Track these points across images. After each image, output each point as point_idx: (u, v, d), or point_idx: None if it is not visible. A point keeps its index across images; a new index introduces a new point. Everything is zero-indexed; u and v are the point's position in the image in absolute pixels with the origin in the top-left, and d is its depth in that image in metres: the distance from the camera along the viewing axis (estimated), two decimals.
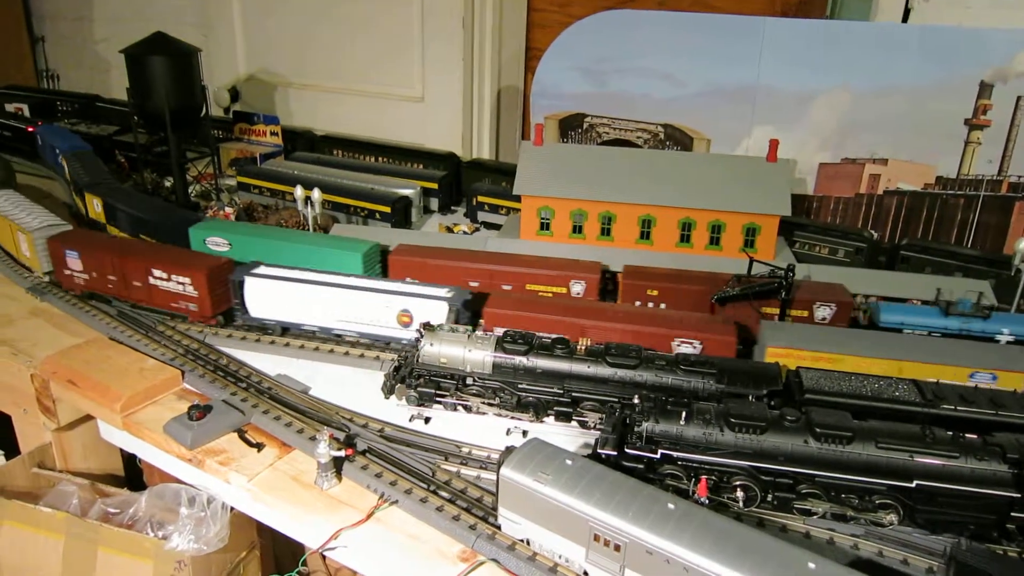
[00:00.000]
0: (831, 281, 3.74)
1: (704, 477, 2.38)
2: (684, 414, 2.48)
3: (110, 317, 3.94)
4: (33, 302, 4.23)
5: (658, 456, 2.46)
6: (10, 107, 7.54)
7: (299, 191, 4.30)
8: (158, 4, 7.93)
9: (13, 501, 3.41)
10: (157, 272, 3.78)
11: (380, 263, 4.05)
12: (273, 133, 6.51)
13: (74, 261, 4.03)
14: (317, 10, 6.76)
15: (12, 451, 4.08)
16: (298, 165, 5.84)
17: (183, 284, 3.73)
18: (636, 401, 2.57)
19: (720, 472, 2.47)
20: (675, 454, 2.46)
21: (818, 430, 2.40)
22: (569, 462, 2.28)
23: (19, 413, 3.84)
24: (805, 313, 3.55)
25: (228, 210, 5.17)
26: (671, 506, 2.10)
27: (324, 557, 3.72)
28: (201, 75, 5.14)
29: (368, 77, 6.68)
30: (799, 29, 4.75)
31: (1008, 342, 3.48)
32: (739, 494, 2.45)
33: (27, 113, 7.53)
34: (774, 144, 4.00)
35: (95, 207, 4.83)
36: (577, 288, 3.75)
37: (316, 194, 4.27)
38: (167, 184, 5.71)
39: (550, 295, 3.76)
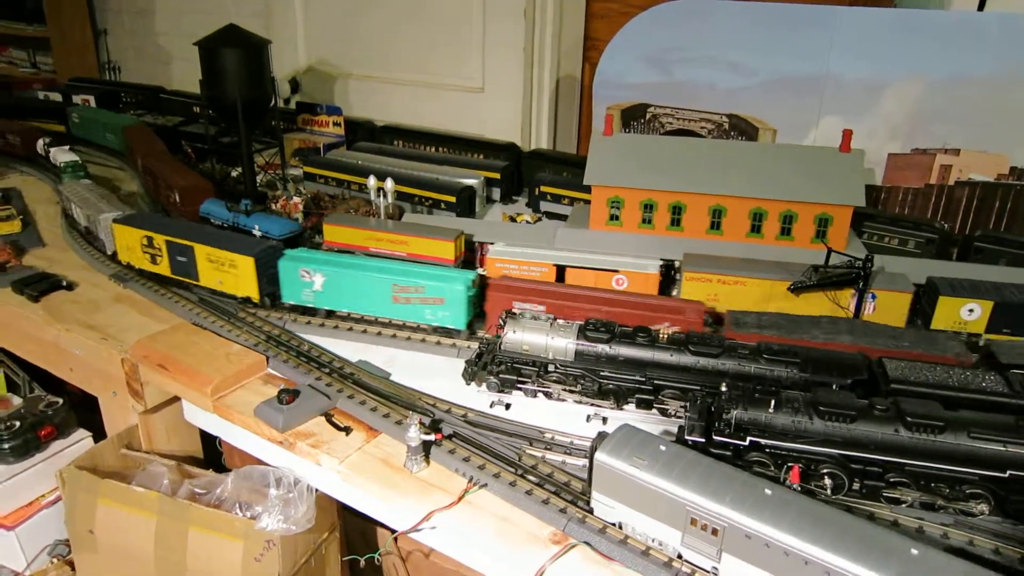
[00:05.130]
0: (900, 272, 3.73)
1: (797, 465, 2.41)
2: (773, 402, 2.51)
3: (191, 303, 4.08)
4: (116, 289, 4.39)
5: (746, 443, 2.50)
6: (77, 98, 7.76)
7: (372, 181, 4.38)
8: None
9: (107, 480, 3.55)
10: None
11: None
12: (336, 124, 6.63)
13: None
14: (377, 0, 6.85)
15: (97, 432, 4.26)
16: (361, 155, 5.94)
17: None
18: (724, 389, 2.60)
19: (807, 460, 2.50)
20: (763, 441, 2.49)
21: (909, 419, 2.42)
22: (663, 448, 2.33)
23: (108, 396, 3.99)
24: None
25: (296, 199, 5.28)
26: (768, 492, 2.14)
27: (396, 539, 3.83)
28: (271, 67, 5.26)
29: (428, 68, 6.75)
30: (871, 18, 4.70)
31: (262, 235, 4.38)
32: (827, 482, 2.47)
33: (94, 104, 7.74)
34: (848, 134, 3.98)
35: None
36: None
37: (389, 184, 4.36)
38: (234, 174, 5.86)
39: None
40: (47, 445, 4.19)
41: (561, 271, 3.91)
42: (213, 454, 4.14)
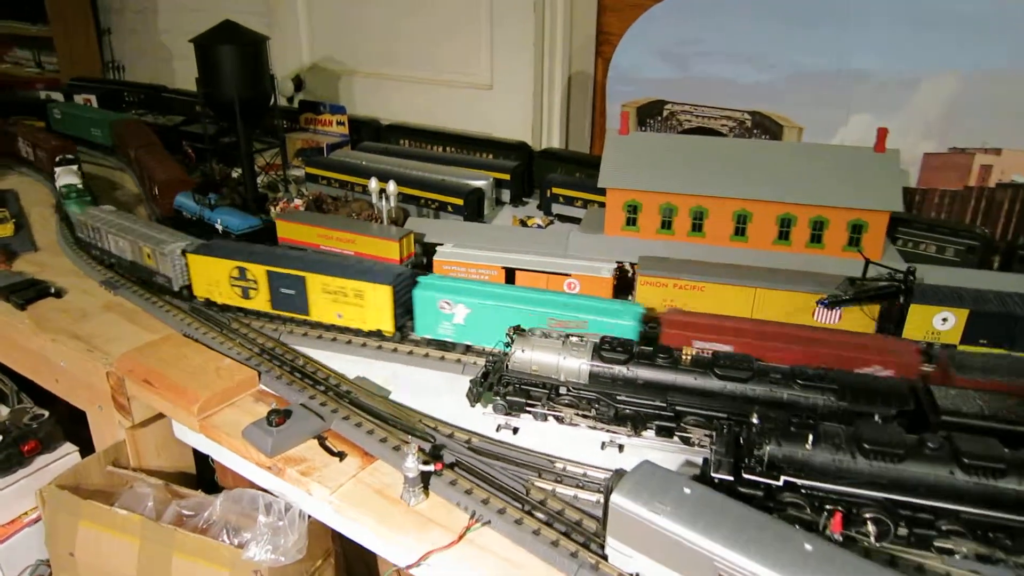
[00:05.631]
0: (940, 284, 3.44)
1: (840, 511, 2.14)
2: (811, 437, 2.24)
3: (184, 313, 3.86)
4: (107, 296, 4.18)
5: (781, 483, 2.24)
6: (79, 98, 7.58)
7: (373, 183, 4.15)
8: None
9: (89, 502, 3.35)
10: None
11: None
12: (340, 123, 6.39)
13: None
14: None
15: (86, 447, 4.05)
16: (365, 155, 5.70)
17: None
18: (755, 420, 2.34)
19: (848, 502, 2.23)
20: (800, 482, 2.23)
21: (966, 460, 2.14)
22: (687, 491, 2.07)
23: (94, 410, 3.79)
24: None
25: (298, 201, 5.05)
26: (808, 547, 1.88)
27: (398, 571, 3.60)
28: (270, 64, 5.02)
29: (435, 64, 6.50)
30: (903, 7, 4.41)
31: (223, 230, 4.46)
32: (870, 528, 2.21)
33: (95, 104, 7.55)
34: (883, 133, 3.70)
35: None
36: None
37: (391, 187, 4.12)
38: (234, 175, 5.64)
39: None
40: (31, 460, 3.98)
41: (511, 274, 3.73)
42: (206, 470, 3.93)
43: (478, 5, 6.08)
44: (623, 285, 3.75)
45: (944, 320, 3.23)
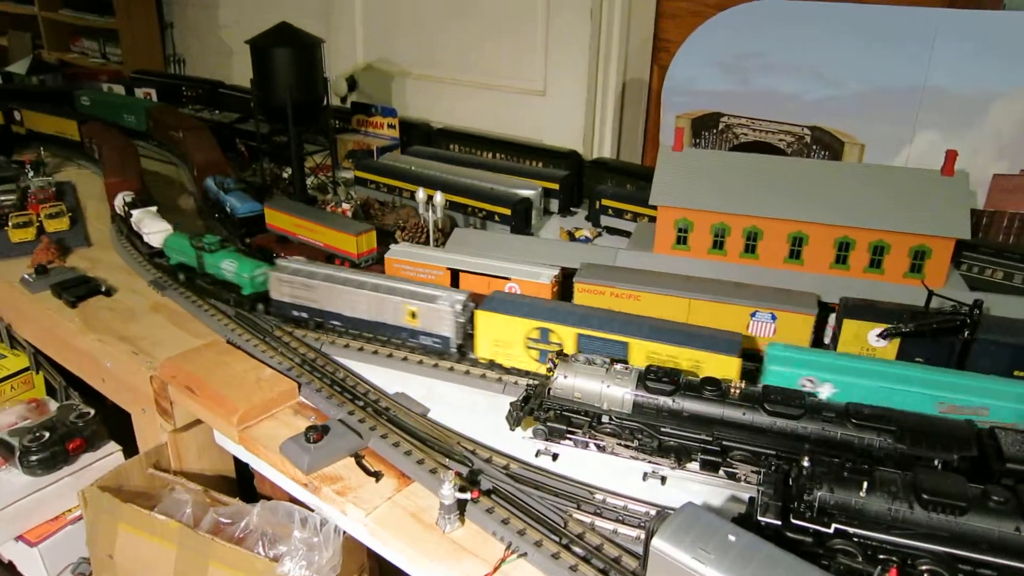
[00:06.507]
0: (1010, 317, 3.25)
1: (895, 567, 2.02)
2: (865, 484, 2.13)
3: (228, 318, 3.87)
4: (154, 297, 4.22)
5: (831, 531, 2.12)
6: (139, 92, 7.71)
7: (421, 193, 4.11)
8: None
9: (129, 505, 3.37)
10: None
11: None
12: (391, 126, 6.38)
13: None
14: None
15: (131, 445, 4.09)
16: (415, 160, 5.67)
17: None
18: (807, 463, 2.22)
19: (903, 553, 2.11)
20: (852, 530, 2.12)
21: None
22: (733, 538, 1.97)
23: (138, 411, 3.82)
24: None
25: (346, 206, 5.05)
26: None
27: None
28: (324, 67, 5.02)
29: (488, 69, 6.44)
30: (976, 21, 4.21)
31: (231, 211, 4.69)
32: None
33: (155, 98, 7.68)
34: (952, 155, 3.52)
35: None
36: None
37: (439, 197, 4.08)
38: (285, 176, 5.67)
39: None
40: (76, 458, 4.04)
41: (455, 275, 3.83)
42: (247, 474, 3.94)
43: (533, 10, 6.01)
44: (566, 292, 3.73)
45: (879, 336, 3.17)
